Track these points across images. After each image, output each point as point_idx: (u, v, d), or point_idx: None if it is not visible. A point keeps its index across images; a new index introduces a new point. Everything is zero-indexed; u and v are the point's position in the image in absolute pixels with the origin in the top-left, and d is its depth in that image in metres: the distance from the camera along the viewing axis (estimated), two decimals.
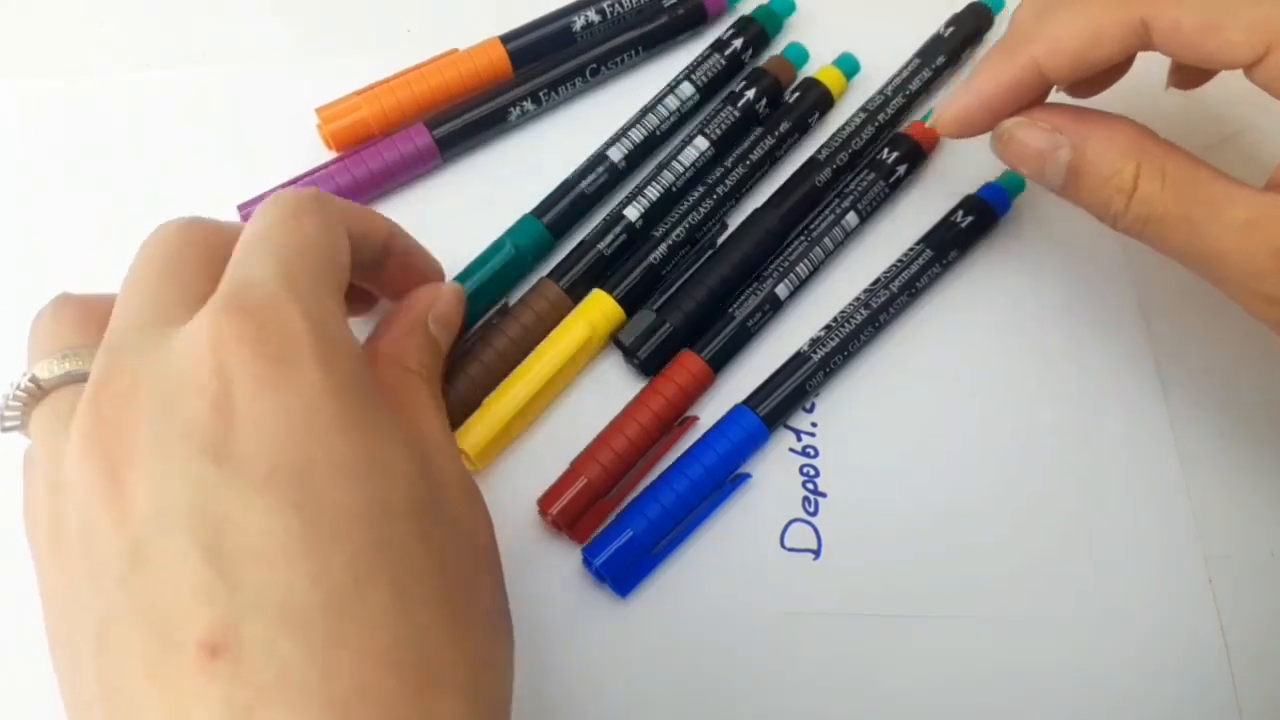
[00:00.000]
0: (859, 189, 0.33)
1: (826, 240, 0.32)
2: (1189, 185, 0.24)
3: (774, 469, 0.30)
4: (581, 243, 0.33)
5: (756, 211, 0.33)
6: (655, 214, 0.33)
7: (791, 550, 0.29)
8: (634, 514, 0.28)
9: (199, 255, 0.22)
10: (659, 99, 0.34)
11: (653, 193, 0.33)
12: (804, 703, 0.28)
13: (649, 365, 0.31)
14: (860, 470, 0.30)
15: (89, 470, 0.18)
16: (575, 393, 0.31)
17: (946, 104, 0.27)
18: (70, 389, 0.21)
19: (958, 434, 0.31)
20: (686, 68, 0.35)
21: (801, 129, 0.35)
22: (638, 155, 0.34)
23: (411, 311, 0.26)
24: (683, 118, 0.35)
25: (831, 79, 0.35)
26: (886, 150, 0.34)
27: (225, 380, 0.18)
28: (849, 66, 0.36)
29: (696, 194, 0.33)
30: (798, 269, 0.32)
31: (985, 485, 0.30)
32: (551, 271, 0.32)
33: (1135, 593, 0.29)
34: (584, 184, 0.33)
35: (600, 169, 0.33)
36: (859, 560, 0.29)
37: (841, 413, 0.31)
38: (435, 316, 0.27)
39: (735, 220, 0.33)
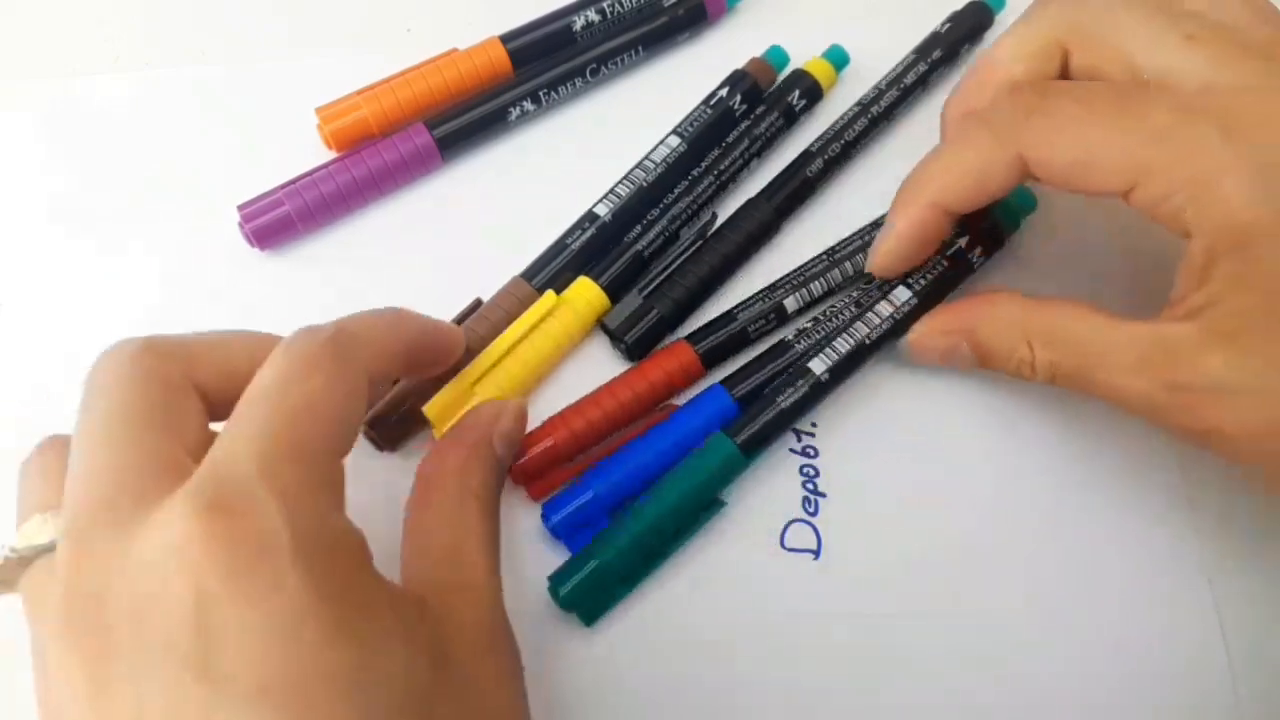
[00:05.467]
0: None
1: (848, 264, 0.32)
2: (1077, 343, 0.25)
3: (774, 469, 0.30)
4: (554, 242, 0.33)
5: (749, 202, 0.33)
6: (626, 211, 0.33)
7: (791, 550, 0.29)
8: (597, 476, 0.28)
9: (162, 404, 0.20)
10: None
11: (624, 190, 0.33)
12: (804, 702, 0.28)
13: (635, 351, 0.31)
14: (860, 470, 0.30)
15: (70, 670, 0.17)
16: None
17: (875, 251, 0.29)
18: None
19: (958, 434, 0.31)
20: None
21: (789, 117, 0.35)
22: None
23: (476, 429, 0.26)
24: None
25: (820, 70, 0.35)
26: None
27: (201, 592, 0.17)
28: (838, 58, 0.36)
29: (681, 187, 0.33)
30: (811, 286, 0.32)
31: (985, 486, 0.30)
32: (525, 271, 0.32)
33: (1135, 593, 0.29)
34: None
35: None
36: (859, 560, 0.29)
37: (842, 413, 0.31)
38: (501, 435, 0.26)
39: (728, 210, 0.33)
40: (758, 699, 0.28)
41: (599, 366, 0.32)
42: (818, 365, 0.29)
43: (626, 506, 0.28)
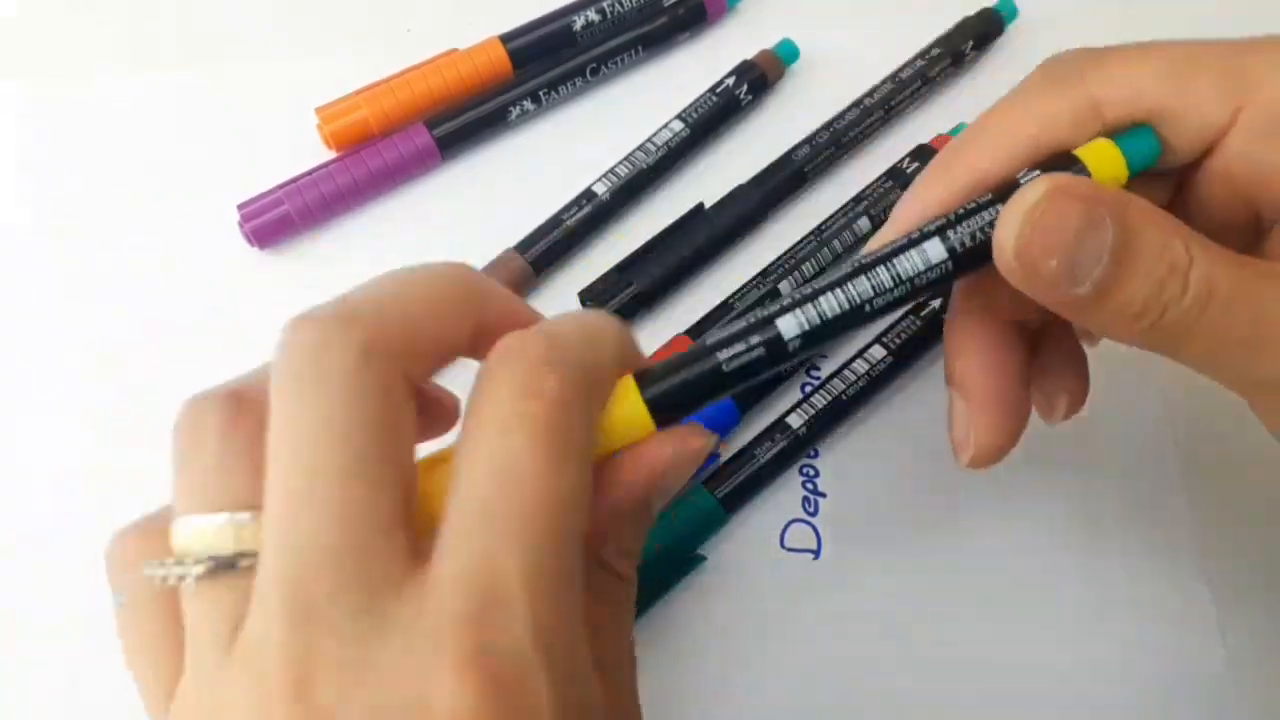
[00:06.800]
0: (875, 195, 0.33)
1: (835, 242, 0.32)
2: (1232, 255, 0.18)
3: (774, 470, 0.30)
4: (550, 218, 0.33)
5: (738, 188, 0.33)
6: (624, 191, 0.33)
7: (791, 550, 0.29)
8: None
9: (393, 429, 0.16)
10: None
11: (623, 170, 0.33)
12: (804, 702, 0.28)
13: None
14: (860, 470, 0.30)
15: None
16: None
17: (878, 236, 0.22)
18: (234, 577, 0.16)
19: None
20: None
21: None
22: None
23: (631, 486, 0.18)
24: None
25: None
26: (908, 160, 0.34)
27: None
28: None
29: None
30: (803, 268, 0.32)
31: (985, 486, 0.30)
32: (519, 244, 0.32)
33: (1135, 592, 0.29)
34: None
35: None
36: (859, 560, 0.29)
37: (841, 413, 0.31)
38: (664, 488, 0.19)
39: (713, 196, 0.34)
40: (757, 699, 0.28)
41: None
42: (795, 420, 0.30)
43: None
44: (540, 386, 0.16)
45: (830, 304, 0.19)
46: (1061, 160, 0.20)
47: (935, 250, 0.19)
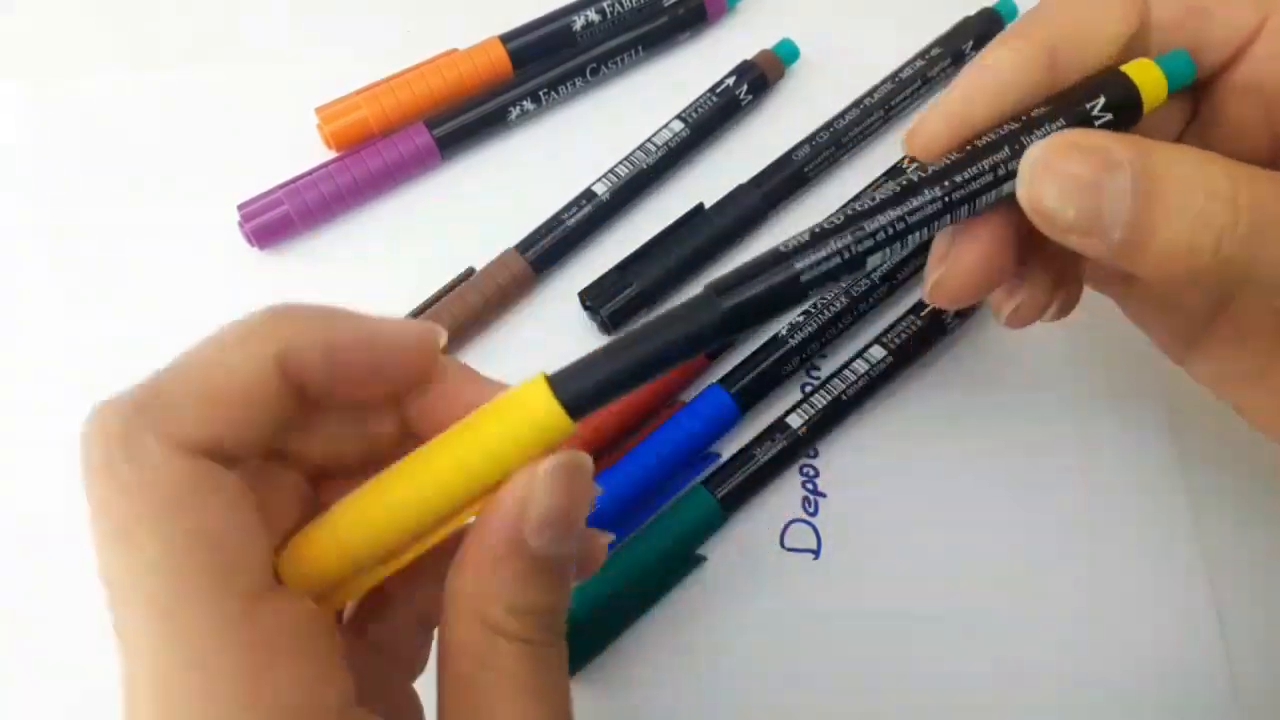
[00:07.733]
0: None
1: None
2: (1275, 174, 0.18)
3: (774, 469, 0.30)
4: (550, 218, 0.33)
5: (738, 188, 0.33)
6: (624, 191, 0.33)
7: (791, 550, 0.29)
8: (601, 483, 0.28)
9: None
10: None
11: (623, 170, 0.33)
12: (803, 702, 0.28)
13: (611, 323, 0.31)
14: (860, 470, 0.30)
15: None
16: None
17: (925, 114, 0.20)
18: None
19: (958, 435, 0.31)
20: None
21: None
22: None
23: (491, 525, 0.16)
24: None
25: None
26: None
27: None
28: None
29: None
30: None
31: (985, 484, 0.30)
32: (519, 243, 0.32)
33: (1135, 592, 0.29)
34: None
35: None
36: (859, 560, 0.29)
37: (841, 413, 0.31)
38: (536, 525, 0.16)
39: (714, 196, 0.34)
40: (757, 699, 0.28)
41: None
42: (795, 420, 0.30)
43: (626, 522, 0.28)
44: None
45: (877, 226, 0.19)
46: (1112, 77, 0.20)
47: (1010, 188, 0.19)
